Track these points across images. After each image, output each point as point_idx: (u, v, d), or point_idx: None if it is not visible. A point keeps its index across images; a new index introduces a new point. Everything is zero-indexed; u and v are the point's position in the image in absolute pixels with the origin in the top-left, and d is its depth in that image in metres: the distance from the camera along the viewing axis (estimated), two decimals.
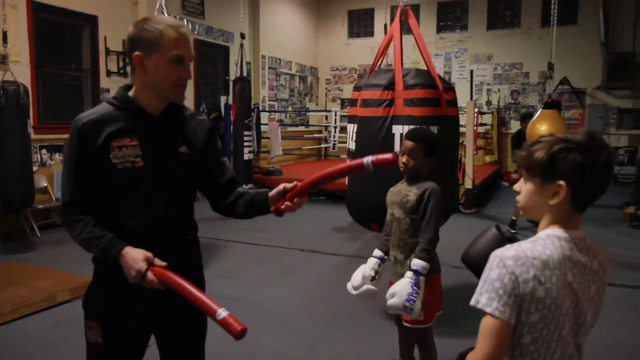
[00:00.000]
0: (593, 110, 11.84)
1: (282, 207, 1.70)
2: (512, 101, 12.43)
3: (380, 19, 12.72)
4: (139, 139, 1.63)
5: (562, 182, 1.15)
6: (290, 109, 13.06)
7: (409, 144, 2.53)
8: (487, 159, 12.27)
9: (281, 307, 4.12)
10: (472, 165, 8.30)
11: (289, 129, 12.72)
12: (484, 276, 1.18)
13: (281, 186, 1.74)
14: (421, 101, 3.52)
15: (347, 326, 3.75)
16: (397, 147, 3.49)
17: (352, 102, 3.94)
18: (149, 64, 1.59)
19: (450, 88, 3.79)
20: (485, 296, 1.15)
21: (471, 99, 9.21)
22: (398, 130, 3.52)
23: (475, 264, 1.36)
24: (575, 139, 1.15)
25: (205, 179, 1.86)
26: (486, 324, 1.15)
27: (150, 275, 1.52)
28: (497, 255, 1.17)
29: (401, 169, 2.57)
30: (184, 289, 1.52)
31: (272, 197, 1.75)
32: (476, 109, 10.89)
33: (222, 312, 1.44)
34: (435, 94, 3.59)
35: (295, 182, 1.73)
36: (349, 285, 2.85)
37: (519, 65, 12.27)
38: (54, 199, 6.63)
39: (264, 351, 3.34)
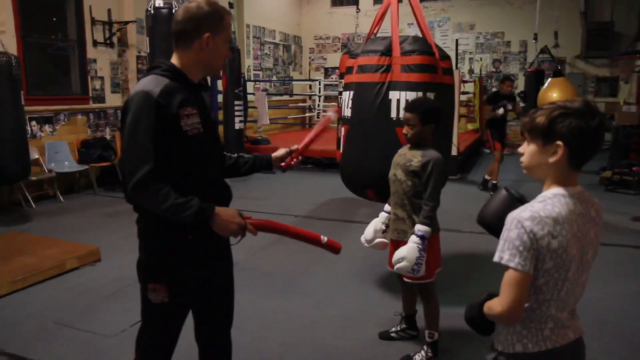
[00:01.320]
0: (572, 79, 12.08)
1: (293, 162, 2.15)
2: (494, 70, 12.62)
3: None
4: (197, 108, 1.76)
5: (560, 143, 1.33)
6: (274, 78, 13.06)
7: (406, 114, 2.72)
8: (470, 126, 12.51)
9: (282, 270, 4.31)
10: (456, 133, 8.50)
11: (274, 98, 12.75)
12: (504, 235, 1.36)
13: (289, 148, 2.17)
14: (418, 67, 3.55)
15: (348, 285, 3.95)
16: (394, 113, 3.55)
17: (348, 70, 3.94)
18: (212, 44, 1.74)
19: (446, 57, 3.84)
20: (507, 253, 1.34)
21: (456, 67, 9.34)
22: (395, 96, 3.54)
23: (491, 224, 1.54)
24: (572, 105, 1.33)
25: None
26: (510, 276, 1.34)
27: (249, 225, 1.76)
28: (514, 217, 1.36)
29: (405, 138, 2.74)
30: (284, 228, 1.93)
31: (280, 156, 2.15)
32: (459, 77, 11.09)
33: (324, 238, 2.03)
34: (432, 60, 3.62)
35: (296, 145, 2.18)
36: (362, 239, 3.07)
37: (501, 34, 12.44)
38: (46, 171, 6.65)
39: (271, 312, 3.52)
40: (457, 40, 10.70)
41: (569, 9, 11.58)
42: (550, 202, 1.37)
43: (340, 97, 4.42)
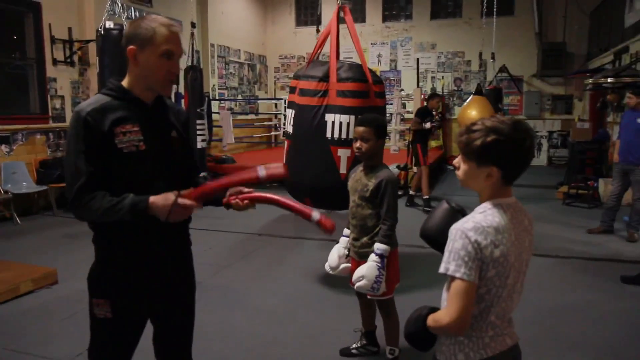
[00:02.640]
0: (530, 97, 12.55)
1: (234, 201, 1.88)
2: (455, 88, 12.95)
3: (327, 8, 12.89)
4: (139, 125, 1.76)
5: (494, 168, 1.41)
6: (240, 97, 13.08)
7: (360, 129, 2.75)
8: (433, 144, 12.73)
9: (245, 288, 4.29)
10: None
11: (239, 117, 12.75)
12: (449, 247, 1.41)
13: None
14: (352, 93, 3.95)
15: (310, 302, 3.96)
16: (329, 133, 3.95)
17: (292, 89, 4.34)
18: (141, 58, 1.74)
19: (379, 81, 4.23)
20: (453, 264, 1.39)
21: (417, 86, 9.58)
22: (330, 118, 3.96)
23: (434, 237, 1.60)
24: (503, 129, 1.39)
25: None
26: (457, 286, 1.38)
27: (181, 200, 1.67)
28: (458, 228, 1.41)
29: (356, 153, 2.79)
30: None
31: (230, 192, 1.95)
32: (422, 96, 11.33)
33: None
34: (365, 87, 4.01)
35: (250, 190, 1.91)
36: (327, 266, 3.09)
37: (461, 53, 12.80)
38: (1, 192, 6.47)
39: (231, 329, 3.51)
40: (417, 59, 10.95)
41: (525, 30, 12.02)
42: (490, 212, 1.43)
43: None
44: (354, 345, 3.11)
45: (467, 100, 8.69)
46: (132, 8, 9.11)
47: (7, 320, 3.63)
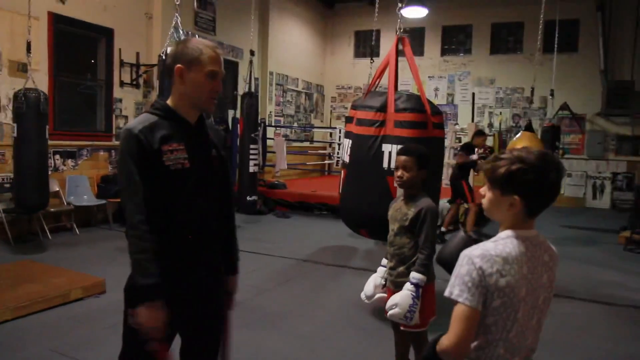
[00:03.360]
0: (592, 136, 12.08)
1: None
2: (514, 124, 12.67)
3: (386, 41, 13.04)
4: (184, 143, 1.85)
5: (516, 197, 1.39)
6: (295, 124, 13.33)
7: (401, 158, 2.75)
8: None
9: (283, 312, 4.30)
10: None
11: (294, 144, 12.97)
12: (455, 272, 1.41)
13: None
14: (410, 124, 3.92)
15: (346, 330, 3.92)
16: (385, 164, 3.93)
17: (349, 119, 4.37)
18: (188, 77, 1.83)
19: (437, 112, 4.18)
20: (458, 288, 1.39)
21: (472, 121, 9.44)
22: (387, 148, 3.93)
23: (448, 263, 1.60)
24: (529, 159, 1.38)
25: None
26: (458, 311, 1.38)
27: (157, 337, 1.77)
28: (466, 254, 1.41)
29: (397, 183, 2.78)
30: None
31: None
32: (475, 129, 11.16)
33: None
34: (423, 117, 3.98)
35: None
36: (363, 295, 3.08)
37: (521, 89, 12.55)
38: (65, 203, 6.84)
39: (267, 352, 3.51)
40: (473, 93, 10.82)
41: (588, 67, 11.67)
42: (502, 242, 1.42)
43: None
44: None
45: (517, 136, 8.48)
46: (197, 35, 9.56)
47: (56, 325, 3.81)
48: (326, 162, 13.86)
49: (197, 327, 2.01)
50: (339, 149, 12.45)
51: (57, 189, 6.79)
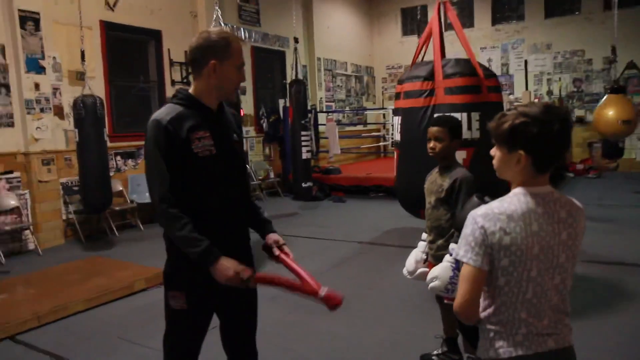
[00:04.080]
0: None
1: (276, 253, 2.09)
2: (575, 89, 12.04)
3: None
4: (210, 131, 1.91)
5: (522, 152, 1.35)
6: (347, 108, 13.30)
7: (433, 129, 2.71)
8: None
9: None
10: None
11: (347, 128, 12.96)
12: (462, 233, 1.41)
13: (276, 249, 2.10)
14: (461, 89, 3.63)
15: (397, 309, 3.93)
16: None
17: (397, 96, 4.12)
18: (220, 70, 1.89)
19: (492, 75, 3.88)
20: (463, 249, 1.38)
21: (526, 88, 9.06)
22: None
23: (461, 227, 1.56)
24: (532, 112, 1.34)
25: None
26: (464, 271, 1.38)
27: (242, 273, 1.82)
28: (470, 214, 1.40)
29: (430, 154, 2.74)
30: (282, 282, 1.89)
31: (268, 245, 2.12)
32: (536, 100, 10.69)
33: (323, 291, 1.87)
34: (476, 81, 3.68)
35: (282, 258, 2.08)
36: (405, 271, 3.07)
37: (581, 52, 11.88)
38: (128, 201, 7.22)
39: (320, 331, 3.58)
40: (525, 61, 10.34)
41: None
42: (508, 200, 1.39)
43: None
44: (435, 352, 3.03)
45: (602, 100, 8.00)
46: (242, 29, 9.72)
47: (122, 314, 4.05)
48: (381, 143, 13.75)
49: (233, 307, 2.09)
50: (392, 130, 12.31)
51: (121, 189, 7.16)
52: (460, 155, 3.47)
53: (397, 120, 4.11)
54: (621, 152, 8.57)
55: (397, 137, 4.11)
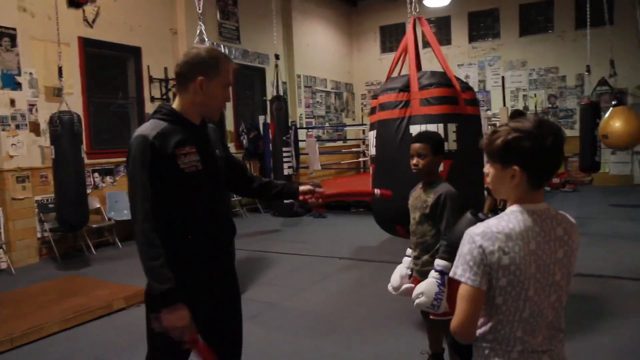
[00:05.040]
0: (636, 110, 11.52)
1: (311, 200, 2.22)
2: (550, 105, 12.30)
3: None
4: (195, 146, 1.89)
5: (516, 167, 1.34)
6: (327, 125, 13.35)
7: (415, 145, 2.72)
8: None
9: (320, 310, 4.31)
10: None
11: (327, 144, 12.99)
12: (459, 251, 1.38)
13: (314, 186, 2.23)
14: (437, 99, 3.55)
15: (382, 325, 3.90)
16: None
17: (372, 110, 4.03)
18: (207, 87, 1.87)
19: (468, 88, 3.81)
20: (460, 268, 1.35)
21: (504, 104, 9.23)
22: (415, 130, 3.49)
23: (457, 244, 1.54)
24: (525, 127, 1.33)
25: (233, 174, 2.18)
26: (462, 291, 1.35)
27: (188, 338, 1.80)
28: (468, 232, 1.37)
29: (413, 170, 2.74)
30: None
31: (304, 191, 2.23)
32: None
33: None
34: (452, 92, 3.61)
35: (322, 189, 2.25)
36: (390, 287, 3.05)
37: (555, 69, 12.17)
38: (106, 219, 7.08)
39: (304, 349, 3.53)
40: (503, 77, 10.55)
41: (625, 39, 11.20)
42: (506, 218, 1.37)
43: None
44: None
45: (608, 113, 8.17)
46: (222, 45, 9.72)
47: (101, 334, 3.95)
48: (361, 159, 13.80)
49: (218, 329, 2.05)
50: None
51: (98, 206, 7.04)
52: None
53: (372, 134, 3.99)
54: (598, 166, 8.73)
55: (373, 151, 3.98)
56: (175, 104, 1.94)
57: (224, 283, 2.06)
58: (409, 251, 2.96)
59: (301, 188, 2.23)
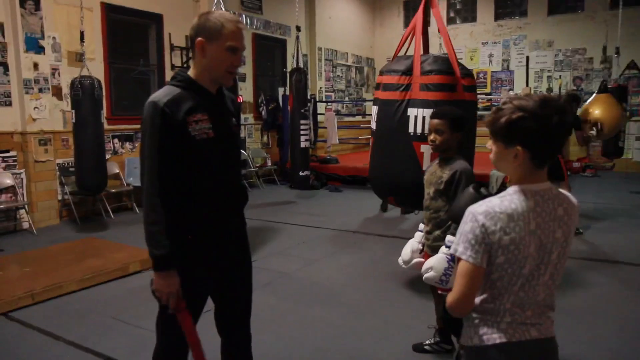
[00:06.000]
0: None
1: None
2: (575, 87, 12.03)
3: (435, 9, 12.63)
4: (208, 114, 1.90)
5: (519, 147, 1.34)
6: (347, 99, 13.27)
7: (434, 121, 2.71)
8: None
9: (331, 281, 4.37)
10: None
11: (346, 119, 12.93)
12: (460, 229, 1.40)
13: None
14: (436, 86, 3.79)
15: (391, 298, 3.94)
16: (411, 128, 3.83)
17: (377, 86, 4.25)
18: (208, 50, 1.86)
19: (468, 74, 4.01)
20: (462, 245, 1.37)
21: (527, 85, 9.06)
22: (413, 113, 3.82)
23: (459, 219, 1.55)
24: (529, 106, 1.32)
25: None
26: (462, 267, 1.37)
27: (174, 303, 1.85)
28: (470, 210, 1.38)
29: (431, 146, 2.74)
30: (189, 335, 1.93)
31: None
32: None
33: None
34: (452, 80, 3.82)
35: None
36: (400, 260, 3.09)
37: (582, 50, 11.86)
38: (125, 184, 7.21)
39: (314, 319, 3.60)
40: (527, 57, 10.34)
41: None
42: (508, 198, 1.38)
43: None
44: (427, 342, 3.05)
45: (590, 99, 8.02)
46: (244, 15, 9.66)
47: (116, 295, 4.06)
48: None
49: (228, 291, 2.10)
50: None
51: (117, 171, 7.16)
52: (429, 150, 3.60)
53: (374, 109, 4.24)
54: (621, 152, 8.57)
55: (373, 125, 4.24)
56: (190, 71, 1.95)
57: (235, 249, 2.09)
58: (421, 226, 2.97)
59: None
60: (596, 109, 7.19)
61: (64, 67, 6.66)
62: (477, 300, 1.42)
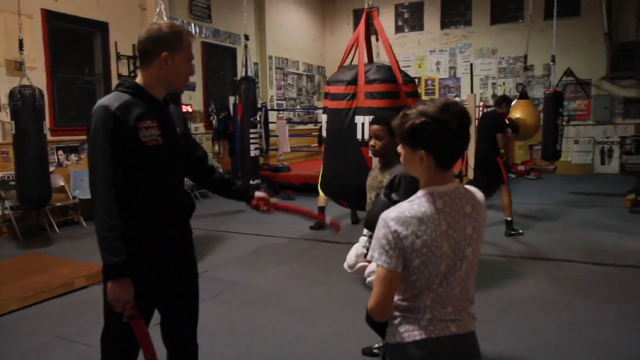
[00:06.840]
0: (598, 101, 11.90)
1: (260, 207, 2.27)
2: (517, 94, 12.51)
3: (385, 18, 12.90)
4: (157, 121, 1.91)
5: (423, 151, 1.41)
6: (298, 107, 13.32)
7: (373, 127, 2.79)
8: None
9: (282, 289, 4.37)
10: (474, 156, 8.43)
11: (298, 127, 12.98)
12: (375, 235, 1.44)
13: (268, 196, 2.31)
14: (381, 94, 4.00)
15: (342, 304, 3.98)
16: (359, 135, 4.00)
17: (326, 95, 4.44)
18: (171, 62, 1.90)
19: (410, 81, 4.23)
20: (377, 251, 1.42)
21: (471, 92, 9.38)
22: (360, 120, 4.01)
23: (373, 226, 1.61)
24: (430, 112, 1.39)
25: (192, 159, 2.22)
26: (379, 273, 1.42)
27: (128, 311, 1.84)
28: (382, 217, 1.43)
29: (371, 151, 2.81)
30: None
31: (257, 196, 2.28)
32: (482, 103, 11.05)
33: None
34: (394, 87, 4.04)
35: (275, 199, 2.37)
36: (345, 265, 3.13)
37: (523, 58, 12.35)
38: (71, 197, 6.98)
39: (264, 327, 3.59)
40: (471, 64, 10.71)
41: (592, 30, 11.46)
42: (417, 202, 1.43)
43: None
44: (376, 345, 3.10)
45: (513, 103, 8.48)
46: (192, 24, 9.58)
47: (60, 311, 3.93)
48: None
49: (174, 302, 2.09)
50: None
51: (62, 184, 6.92)
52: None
53: (324, 118, 4.43)
54: (559, 155, 8.98)
55: (324, 133, 4.44)
56: (138, 79, 1.96)
57: (180, 257, 2.09)
58: (365, 231, 3.03)
59: (257, 194, 2.28)
60: (517, 113, 8.05)
61: (2, 76, 6.41)
62: (399, 299, 1.47)
